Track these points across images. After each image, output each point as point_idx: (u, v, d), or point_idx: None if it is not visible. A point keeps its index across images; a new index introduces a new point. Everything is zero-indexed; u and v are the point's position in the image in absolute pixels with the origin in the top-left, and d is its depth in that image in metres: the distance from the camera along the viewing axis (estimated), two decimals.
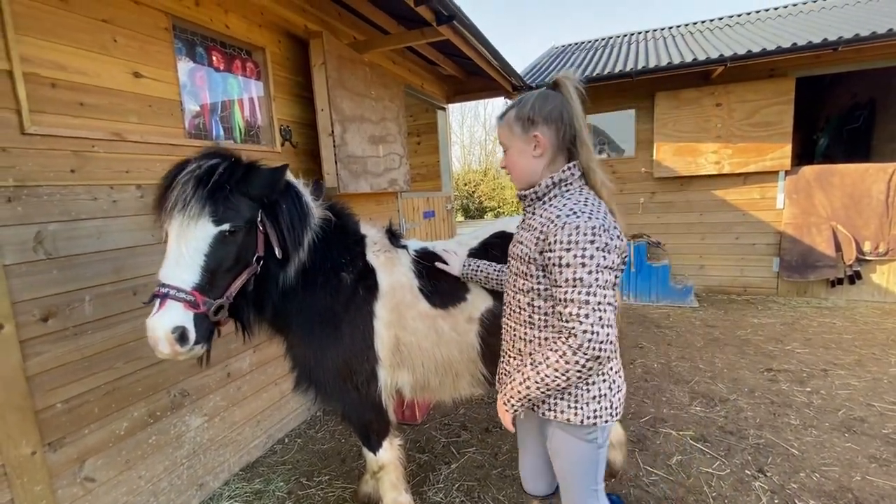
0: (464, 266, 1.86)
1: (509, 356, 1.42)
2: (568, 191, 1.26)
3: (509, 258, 1.41)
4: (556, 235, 1.15)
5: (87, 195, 1.90)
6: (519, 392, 1.26)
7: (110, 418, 2.01)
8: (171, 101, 2.28)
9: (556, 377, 1.16)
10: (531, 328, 1.31)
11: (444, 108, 6.34)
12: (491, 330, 1.93)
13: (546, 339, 1.29)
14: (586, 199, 1.21)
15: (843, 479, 2.42)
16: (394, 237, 2.07)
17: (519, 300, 1.33)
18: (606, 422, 1.29)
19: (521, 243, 1.30)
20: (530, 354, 1.32)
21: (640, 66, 5.99)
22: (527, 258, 1.26)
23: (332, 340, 1.80)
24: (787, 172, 5.88)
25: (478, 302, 1.96)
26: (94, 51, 1.94)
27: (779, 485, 2.41)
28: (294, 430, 3.22)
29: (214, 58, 2.64)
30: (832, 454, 2.66)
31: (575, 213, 1.16)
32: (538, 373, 1.19)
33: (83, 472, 1.91)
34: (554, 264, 1.15)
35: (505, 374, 1.44)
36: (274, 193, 1.55)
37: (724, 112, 5.99)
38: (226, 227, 1.40)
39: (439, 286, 1.95)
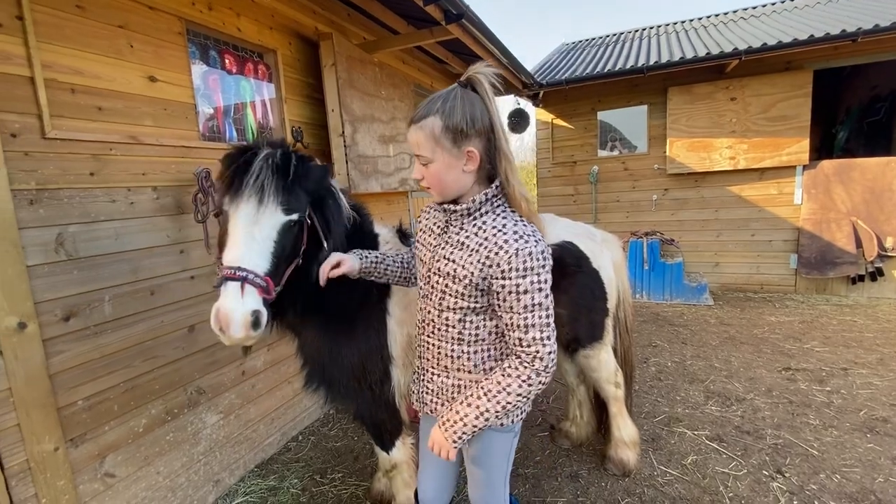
0: (360, 260, 1.54)
1: (432, 373, 1.35)
2: (498, 206, 1.19)
3: (431, 274, 1.28)
4: (510, 263, 1.08)
5: (105, 197, 1.95)
6: (475, 426, 1.18)
7: (129, 415, 2.06)
8: (185, 104, 2.32)
9: (518, 401, 1.15)
10: (460, 344, 1.26)
11: None
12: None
13: (475, 352, 1.26)
14: (520, 216, 1.18)
15: (866, 481, 2.37)
16: (404, 236, 2.08)
17: (447, 318, 1.25)
18: (526, 413, 1.35)
19: (454, 262, 1.19)
20: (457, 369, 1.29)
21: (652, 62, 5.93)
22: (464, 279, 1.17)
23: (347, 339, 1.81)
24: (805, 167, 5.77)
25: None
26: (111, 56, 1.99)
27: (798, 486, 2.37)
28: (307, 428, 3.25)
29: (227, 61, 2.69)
30: (853, 455, 2.60)
31: (521, 237, 1.10)
32: (498, 402, 1.15)
33: (104, 468, 1.96)
34: (510, 291, 1.10)
35: (428, 393, 1.38)
36: (322, 189, 1.55)
37: (739, 106, 5.89)
38: (294, 216, 1.40)
39: None
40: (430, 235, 1.33)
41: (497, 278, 1.11)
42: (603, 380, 2.43)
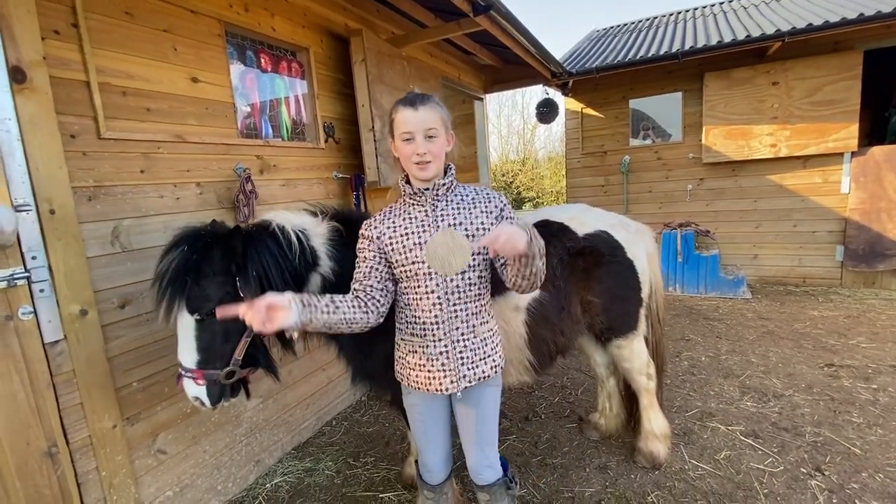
0: (297, 309, 1.32)
1: (464, 343, 1.51)
2: (455, 183, 1.54)
3: None
4: (502, 202, 1.52)
5: (154, 193, 2.08)
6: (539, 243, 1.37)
7: (178, 397, 2.20)
8: (224, 104, 2.43)
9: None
10: (479, 299, 1.52)
11: (480, 98, 6.32)
12: (537, 319, 2.07)
13: (486, 302, 1.56)
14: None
15: None
16: None
17: (469, 278, 1.49)
18: (502, 365, 1.61)
19: (462, 224, 1.47)
20: (480, 324, 1.53)
21: (687, 46, 5.72)
22: (481, 232, 1.47)
23: (380, 335, 1.83)
24: (853, 154, 5.46)
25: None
26: (157, 59, 2.10)
27: (837, 484, 2.30)
28: (341, 414, 3.38)
29: (262, 60, 2.78)
30: None
31: (486, 190, 1.54)
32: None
33: (156, 445, 2.11)
34: (504, 217, 1.50)
35: (464, 364, 1.52)
36: (236, 259, 1.54)
37: (781, 91, 5.62)
38: (196, 315, 1.51)
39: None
40: (412, 227, 1.48)
41: (501, 218, 1.50)
42: (635, 371, 2.42)
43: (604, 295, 2.24)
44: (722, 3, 8.31)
